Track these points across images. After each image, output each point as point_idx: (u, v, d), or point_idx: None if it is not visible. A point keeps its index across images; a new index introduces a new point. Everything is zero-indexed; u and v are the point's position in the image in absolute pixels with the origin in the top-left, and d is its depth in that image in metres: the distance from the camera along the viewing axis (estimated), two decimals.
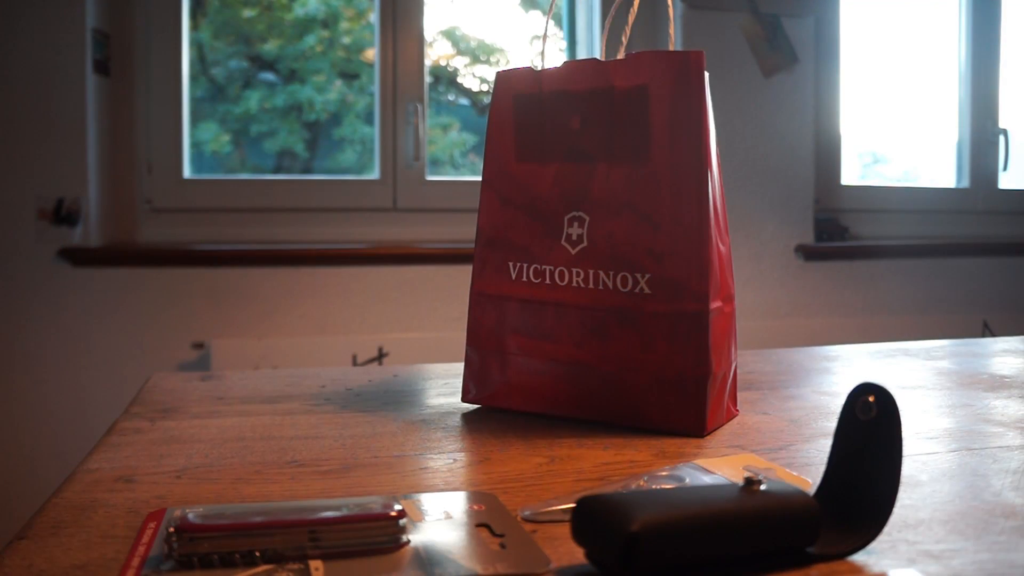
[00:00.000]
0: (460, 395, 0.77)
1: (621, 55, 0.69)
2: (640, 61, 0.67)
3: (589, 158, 0.69)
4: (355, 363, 2.08)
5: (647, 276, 0.66)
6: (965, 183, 2.77)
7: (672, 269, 0.65)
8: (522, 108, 0.73)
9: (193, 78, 2.28)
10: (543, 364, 0.70)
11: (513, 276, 0.72)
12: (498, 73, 0.74)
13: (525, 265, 0.72)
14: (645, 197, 0.66)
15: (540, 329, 0.70)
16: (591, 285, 0.68)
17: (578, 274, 0.69)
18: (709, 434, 0.65)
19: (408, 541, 0.42)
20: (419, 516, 0.46)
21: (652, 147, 0.66)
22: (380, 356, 2.10)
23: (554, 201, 0.71)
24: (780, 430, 0.67)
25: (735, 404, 0.71)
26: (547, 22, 0.77)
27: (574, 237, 0.69)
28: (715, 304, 0.66)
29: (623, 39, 0.71)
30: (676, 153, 0.65)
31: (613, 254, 0.67)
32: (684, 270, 0.65)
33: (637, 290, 0.66)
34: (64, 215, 1.99)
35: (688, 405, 0.65)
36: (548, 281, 0.70)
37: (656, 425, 0.66)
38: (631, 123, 0.67)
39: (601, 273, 0.68)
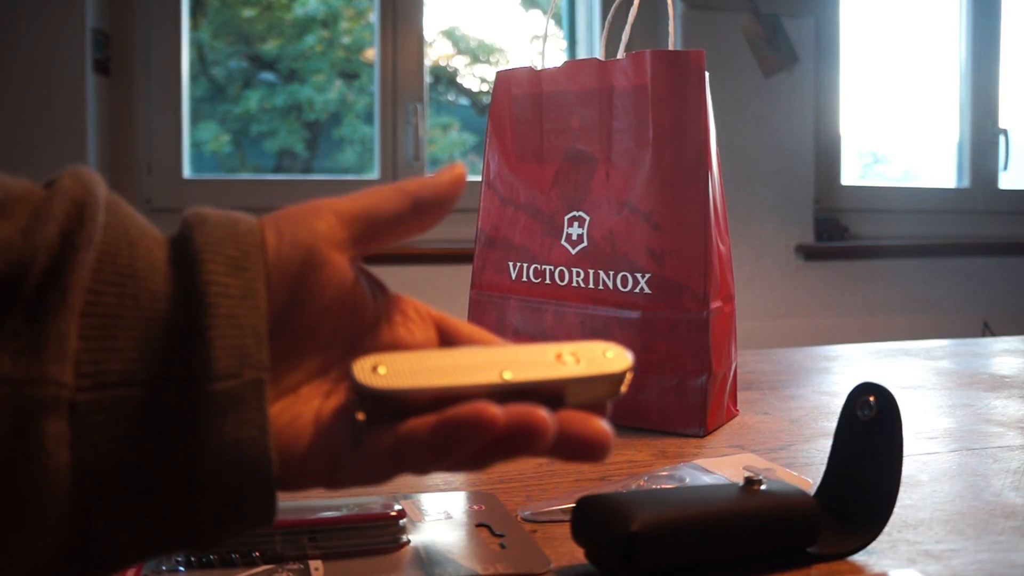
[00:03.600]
0: None
1: (621, 55, 0.69)
2: (640, 61, 0.66)
3: (589, 158, 0.69)
4: None
5: (647, 276, 0.66)
6: (965, 183, 2.77)
7: (672, 269, 0.65)
8: (522, 108, 0.73)
9: (193, 78, 2.28)
10: None
11: (513, 276, 0.72)
12: (498, 73, 0.74)
13: (525, 265, 0.72)
14: (645, 197, 0.66)
15: (540, 329, 0.70)
16: (591, 285, 0.68)
17: (578, 274, 0.69)
18: (709, 434, 0.65)
19: (408, 541, 0.42)
20: (419, 516, 0.46)
21: (652, 147, 0.66)
22: None
23: (554, 201, 0.70)
24: (780, 430, 0.67)
25: (735, 404, 0.71)
26: (547, 22, 0.77)
27: (574, 237, 0.69)
28: (715, 304, 0.66)
29: (623, 39, 0.71)
30: (676, 153, 0.65)
31: (613, 254, 0.67)
32: (684, 270, 0.65)
33: (637, 290, 0.66)
34: None
35: (688, 405, 0.65)
36: (548, 281, 0.70)
37: (656, 425, 0.66)
38: (631, 123, 0.67)
39: (601, 273, 0.68)
